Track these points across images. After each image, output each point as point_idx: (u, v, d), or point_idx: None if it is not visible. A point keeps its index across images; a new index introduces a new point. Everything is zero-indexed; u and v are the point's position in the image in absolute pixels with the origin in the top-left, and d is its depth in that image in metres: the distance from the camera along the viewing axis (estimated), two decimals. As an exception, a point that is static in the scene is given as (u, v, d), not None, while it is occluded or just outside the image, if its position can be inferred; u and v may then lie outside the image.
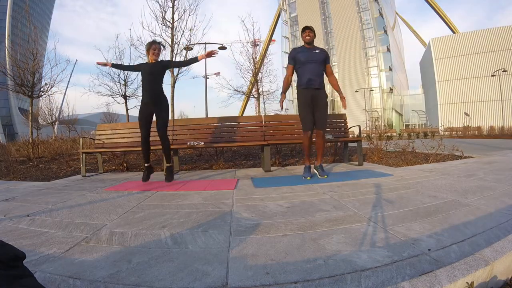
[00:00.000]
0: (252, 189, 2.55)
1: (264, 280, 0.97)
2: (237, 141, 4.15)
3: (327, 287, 0.91)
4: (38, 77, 8.65)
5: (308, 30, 3.11)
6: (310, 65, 3.07)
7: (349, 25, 43.07)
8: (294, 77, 3.27)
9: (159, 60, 3.08)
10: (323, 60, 3.14)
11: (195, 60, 3.18)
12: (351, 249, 1.19)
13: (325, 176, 3.04)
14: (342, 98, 3.26)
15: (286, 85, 3.23)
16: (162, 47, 3.10)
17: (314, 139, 3.21)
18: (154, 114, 3.02)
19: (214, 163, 4.53)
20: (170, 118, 3.20)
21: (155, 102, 2.97)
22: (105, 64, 3.35)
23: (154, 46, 2.99)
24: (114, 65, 3.44)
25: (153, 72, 2.97)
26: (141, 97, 3.12)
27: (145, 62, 3.14)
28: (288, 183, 2.78)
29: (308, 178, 2.97)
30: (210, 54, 3.09)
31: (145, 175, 3.03)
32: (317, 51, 3.14)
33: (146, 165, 3.07)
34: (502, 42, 34.43)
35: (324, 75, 3.22)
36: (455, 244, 1.19)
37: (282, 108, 3.32)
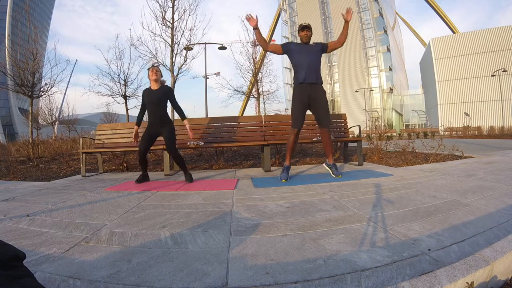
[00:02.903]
0: (252, 189, 2.55)
1: (264, 280, 0.97)
2: (237, 141, 4.15)
3: (327, 287, 0.91)
4: (38, 77, 8.64)
5: (306, 29, 3.05)
6: (306, 58, 3.00)
7: (349, 24, 43.01)
8: (291, 81, 3.24)
9: (161, 84, 3.16)
10: (319, 50, 3.08)
11: (183, 117, 3.27)
12: (351, 249, 1.19)
13: (340, 175, 2.95)
14: (345, 18, 3.09)
15: (262, 40, 3.08)
16: (159, 69, 3.18)
17: (318, 137, 3.15)
18: (161, 135, 3.15)
19: (214, 163, 4.53)
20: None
21: (160, 126, 3.12)
22: (136, 134, 3.28)
23: (152, 68, 3.12)
24: (138, 122, 3.30)
25: (157, 101, 3.08)
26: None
27: (147, 88, 3.20)
28: (288, 183, 2.78)
29: (284, 180, 2.88)
30: (191, 136, 3.22)
31: (140, 178, 3.16)
32: (312, 44, 3.10)
33: (143, 173, 3.21)
34: (502, 42, 34.41)
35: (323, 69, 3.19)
36: (455, 244, 1.19)
37: (248, 19, 3.00)
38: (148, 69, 3.18)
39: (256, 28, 3.02)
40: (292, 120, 3.06)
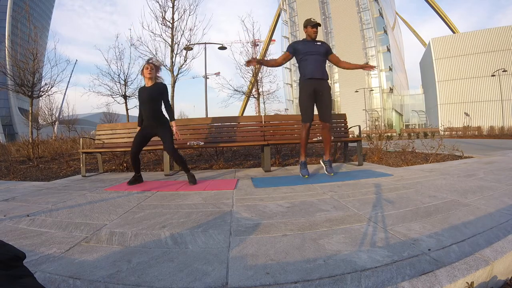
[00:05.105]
0: (252, 189, 2.55)
1: (264, 280, 0.97)
2: (237, 141, 4.14)
3: (327, 287, 0.91)
4: (38, 77, 8.66)
5: (318, 26, 3.08)
6: (312, 56, 3.02)
7: (349, 25, 43.04)
8: (296, 79, 3.25)
9: (157, 82, 3.06)
10: (325, 52, 3.10)
11: (171, 118, 3.13)
12: (351, 249, 1.19)
13: (332, 174, 2.98)
14: (364, 66, 3.11)
15: (271, 63, 3.17)
16: (155, 66, 3.05)
17: (318, 137, 3.18)
18: (157, 136, 3.05)
19: (214, 163, 4.53)
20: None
21: (156, 125, 3.01)
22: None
23: (146, 66, 3.01)
24: (139, 123, 3.18)
25: (151, 98, 2.97)
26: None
27: (142, 86, 3.13)
28: (288, 183, 2.78)
29: (306, 176, 2.92)
30: (178, 137, 3.12)
31: (132, 180, 3.02)
32: (318, 43, 3.11)
33: (136, 174, 3.08)
34: (502, 42, 34.37)
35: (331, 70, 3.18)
36: (455, 244, 1.19)
37: (249, 64, 3.07)
38: (143, 66, 3.03)
39: (260, 63, 3.20)
40: (301, 115, 3.06)
